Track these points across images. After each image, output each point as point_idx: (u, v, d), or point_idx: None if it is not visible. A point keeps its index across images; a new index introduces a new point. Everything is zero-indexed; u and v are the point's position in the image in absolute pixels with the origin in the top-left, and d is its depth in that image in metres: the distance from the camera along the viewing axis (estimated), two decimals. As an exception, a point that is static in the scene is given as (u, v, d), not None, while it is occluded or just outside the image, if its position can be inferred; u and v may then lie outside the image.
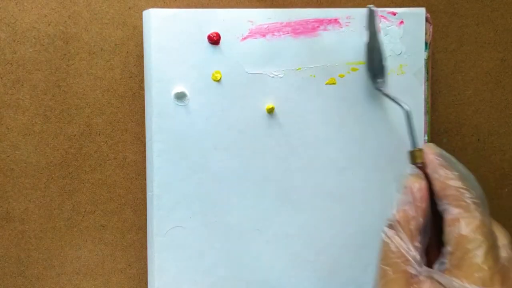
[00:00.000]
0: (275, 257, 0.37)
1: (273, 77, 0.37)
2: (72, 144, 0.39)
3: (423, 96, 0.38)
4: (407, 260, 0.27)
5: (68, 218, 0.39)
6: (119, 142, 0.39)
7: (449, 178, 0.28)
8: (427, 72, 0.38)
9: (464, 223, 0.26)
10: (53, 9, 0.38)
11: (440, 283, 0.26)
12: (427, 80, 0.38)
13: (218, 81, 0.37)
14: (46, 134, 0.38)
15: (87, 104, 0.38)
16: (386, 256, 0.28)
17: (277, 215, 0.37)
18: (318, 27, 0.37)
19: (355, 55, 0.37)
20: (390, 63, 0.38)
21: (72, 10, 0.38)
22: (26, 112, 0.38)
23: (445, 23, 0.40)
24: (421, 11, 0.38)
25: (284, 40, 0.37)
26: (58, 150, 0.39)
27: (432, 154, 0.30)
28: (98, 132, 0.39)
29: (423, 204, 0.28)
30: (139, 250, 0.39)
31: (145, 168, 0.38)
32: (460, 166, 0.29)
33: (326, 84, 0.38)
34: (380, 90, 0.36)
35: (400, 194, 0.29)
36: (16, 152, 0.38)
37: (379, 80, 0.36)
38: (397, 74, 0.38)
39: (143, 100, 0.38)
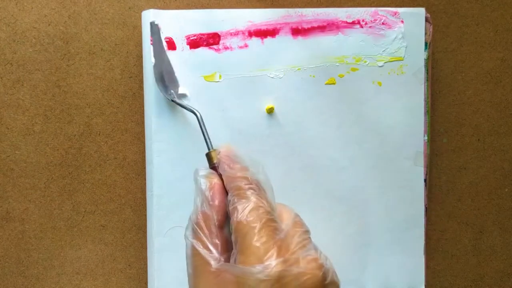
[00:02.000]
0: (275, 257, 0.37)
1: (273, 77, 0.37)
2: (72, 144, 0.39)
3: (423, 96, 0.38)
4: (207, 261, 0.28)
5: (68, 218, 0.39)
6: (119, 142, 0.39)
7: (234, 171, 0.29)
8: (427, 72, 0.38)
9: (240, 209, 0.27)
10: (53, 9, 0.38)
11: (231, 274, 0.26)
12: (427, 80, 0.38)
13: (218, 81, 0.37)
14: (46, 134, 0.38)
15: (87, 104, 0.38)
16: (190, 261, 0.29)
17: (277, 215, 0.37)
18: (317, 27, 0.37)
19: (355, 55, 0.38)
20: (391, 63, 0.38)
21: (72, 10, 0.38)
22: (26, 112, 0.38)
23: (445, 23, 0.40)
24: (421, 11, 0.38)
25: (283, 41, 0.37)
26: (58, 150, 0.39)
27: (223, 152, 0.31)
28: (98, 132, 0.39)
29: (216, 201, 0.29)
30: (139, 250, 0.39)
31: (145, 168, 0.38)
32: (247, 158, 0.30)
33: (326, 84, 0.38)
34: (173, 101, 0.36)
35: (196, 198, 0.30)
36: (16, 152, 0.38)
37: (172, 91, 0.36)
38: (397, 74, 0.38)
39: (143, 100, 0.38)
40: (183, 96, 0.36)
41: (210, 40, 0.37)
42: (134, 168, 0.39)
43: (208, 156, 0.31)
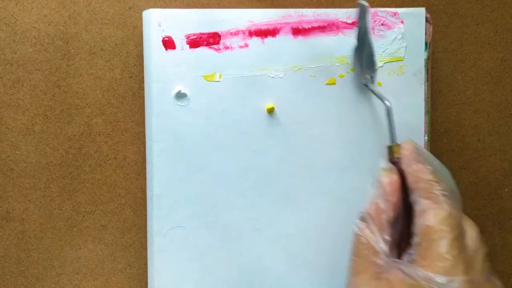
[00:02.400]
0: (275, 257, 0.37)
1: (273, 77, 0.37)
2: (72, 144, 0.39)
3: (423, 96, 0.38)
4: (376, 251, 0.28)
5: (68, 218, 0.39)
6: (119, 142, 0.39)
7: (421, 171, 0.29)
8: (427, 72, 0.38)
9: (431, 214, 0.27)
10: (53, 9, 0.38)
11: (405, 273, 0.26)
12: (427, 80, 0.38)
13: (218, 81, 0.37)
14: (46, 134, 0.38)
15: (87, 104, 0.38)
16: (357, 247, 0.29)
17: (277, 215, 0.37)
18: (318, 27, 0.37)
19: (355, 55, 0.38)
20: (390, 63, 0.38)
21: (72, 10, 0.38)
22: (26, 112, 0.38)
23: (445, 23, 0.40)
24: (421, 11, 0.38)
25: (284, 40, 0.37)
26: (58, 150, 0.39)
27: (407, 149, 0.30)
28: (98, 132, 0.39)
29: (394, 198, 0.29)
30: (139, 250, 0.39)
31: (145, 168, 0.38)
32: (436, 162, 0.30)
33: (326, 84, 0.38)
34: (366, 86, 0.36)
35: (373, 188, 0.30)
36: (16, 152, 0.38)
37: (367, 76, 0.37)
38: (397, 74, 0.38)
39: (143, 100, 0.38)
40: (183, 95, 0.36)
41: (210, 39, 0.37)
42: (134, 168, 0.39)
43: (390, 150, 0.31)
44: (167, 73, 0.36)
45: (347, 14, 0.37)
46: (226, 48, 0.37)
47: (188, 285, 0.37)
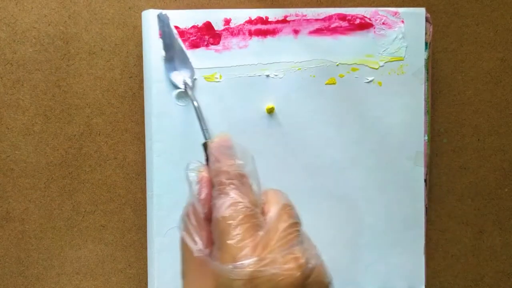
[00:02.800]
0: (275, 257, 0.37)
1: (273, 77, 0.37)
2: (72, 144, 0.39)
3: (423, 96, 0.38)
4: (191, 249, 0.28)
5: (68, 218, 0.39)
6: (119, 142, 0.39)
7: (218, 164, 0.29)
8: (427, 72, 0.38)
9: (217, 205, 0.27)
10: (53, 9, 0.38)
11: (208, 269, 0.26)
12: (427, 80, 0.38)
13: (218, 81, 0.37)
14: (46, 134, 0.38)
15: (87, 104, 0.38)
16: (180, 248, 0.29)
17: (277, 215, 0.37)
18: (318, 27, 0.37)
19: (356, 55, 0.38)
20: (391, 63, 0.38)
21: (72, 10, 0.38)
22: (26, 112, 0.38)
23: (445, 23, 0.40)
24: (421, 11, 0.38)
25: (284, 40, 0.37)
26: (58, 150, 0.38)
27: (215, 144, 0.30)
28: (98, 132, 0.39)
29: (202, 194, 0.29)
30: (139, 250, 0.39)
31: (145, 168, 0.38)
32: (238, 149, 0.30)
33: (326, 84, 0.38)
34: (185, 90, 0.36)
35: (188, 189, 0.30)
36: (16, 152, 0.38)
37: (185, 81, 0.36)
38: (397, 74, 0.38)
39: (143, 100, 0.38)
40: (183, 95, 0.36)
41: (210, 40, 0.37)
42: (134, 168, 0.39)
43: (204, 147, 0.31)
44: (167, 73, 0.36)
45: (347, 14, 0.37)
46: (226, 48, 0.37)
47: (188, 285, 0.37)
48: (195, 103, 0.34)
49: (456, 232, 0.41)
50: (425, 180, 0.39)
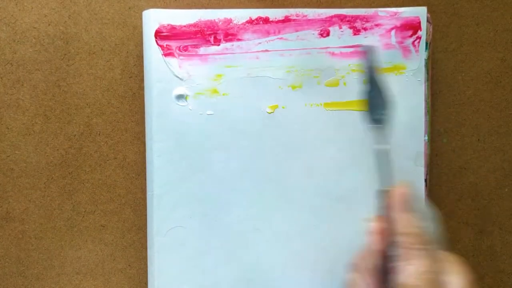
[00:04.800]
0: (275, 257, 0.37)
1: (273, 77, 0.37)
2: (72, 144, 0.39)
3: (423, 96, 0.38)
4: None
5: (68, 218, 0.39)
6: (119, 142, 0.39)
7: (406, 221, 0.28)
8: (427, 72, 0.38)
9: (404, 269, 0.27)
10: (53, 9, 0.38)
11: None
12: (427, 80, 0.38)
13: (219, 81, 0.37)
14: (46, 134, 0.38)
15: (87, 104, 0.38)
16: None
17: (277, 215, 0.37)
18: (318, 27, 0.37)
19: (356, 55, 0.37)
20: (391, 63, 0.38)
21: (72, 10, 0.38)
22: (26, 112, 0.38)
23: (445, 23, 0.40)
24: (422, 11, 0.38)
25: (284, 40, 0.37)
26: (58, 150, 0.38)
27: (397, 196, 0.30)
28: (98, 132, 0.39)
29: (378, 246, 0.29)
30: (139, 250, 0.39)
31: (145, 168, 0.38)
32: (423, 206, 0.30)
33: (327, 85, 0.38)
34: (376, 126, 0.34)
35: (366, 236, 0.30)
36: (16, 152, 0.38)
37: (379, 116, 0.34)
38: (397, 74, 0.38)
39: (143, 100, 0.38)
40: (183, 95, 0.36)
41: (211, 40, 0.37)
42: (134, 168, 0.39)
43: (381, 194, 0.30)
44: (167, 73, 0.36)
45: (347, 14, 0.37)
46: (226, 48, 0.37)
47: (188, 285, 0.37)
48: (387, 147, 0.32)
49: (456, 232, 0.41)
50: (425, 180, 0.39)
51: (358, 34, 0.37)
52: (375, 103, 0.34)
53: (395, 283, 0.27)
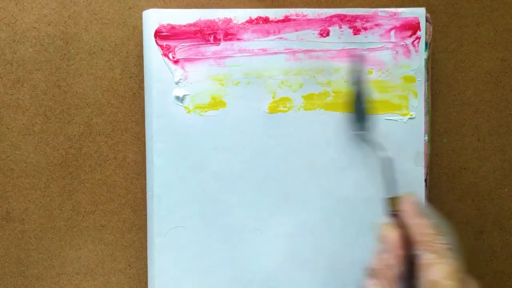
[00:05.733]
0: (275, 257, 0.37)
1: (273, 77, 0.37)
2: (72, 144, 0.39)
3: (423, 96, 0.38)
4: None
5: (68, 218, 0.39)
6: (119, 142, 0.39)
7: (424, 225, 0.29)
8: (427, 72, 0.38)
9: (437, 268, 0.27)
10: (53, 9, 0.38)
11: None
12: (427, 80, 0.38)
13: (219, 81, 0.37)
14: (46, 134, 0.38)
15: (87, 104, 0.38)
16: None
17: (278, 215, 0.37)
18: (318, 27, 0.37)
19: (355, 55, 0.38)
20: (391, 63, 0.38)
21: (72, 10, 0.38)
22: (26, 112, 0.38)
23: (445, 23, 0.40)
24: (421, 11, 0.38)
25: (284, 40, 0.37)
26: (58, 150, 0.38)
27: (409, 202, 0.31)
28: (98, 132, 0.39)
29: (400, 251, 0.29)
30: (139, 250, 0.39)
31: (145, 168, 0.38)
32: (434, 215, 0.31)
33: (327, 85, 0.38)
34: (361, 137, 0.36)
35: (378, 243, 0.30)
36: (16, 152, 0.38)
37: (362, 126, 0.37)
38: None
39: (143, 100, 0.38)
40: (183, 95, 0.36)
41: (211, 39, 0.37)
42: (134, 168, 0.39)
43: (390, 202, 0.31)
44: (167, 73, 0.36)
45: (347, 14, 0.37)
46: (226, 48, 0.37)
47: (188, 285, 0.37)
48: (391, 155, 0.34)
49: (456, 232, 0.41)
50: (425, 180, 0.39)
51: (358, 34, 0.37)
52: (359, 112, 0.36)
53: (425, 282, 0.27)
